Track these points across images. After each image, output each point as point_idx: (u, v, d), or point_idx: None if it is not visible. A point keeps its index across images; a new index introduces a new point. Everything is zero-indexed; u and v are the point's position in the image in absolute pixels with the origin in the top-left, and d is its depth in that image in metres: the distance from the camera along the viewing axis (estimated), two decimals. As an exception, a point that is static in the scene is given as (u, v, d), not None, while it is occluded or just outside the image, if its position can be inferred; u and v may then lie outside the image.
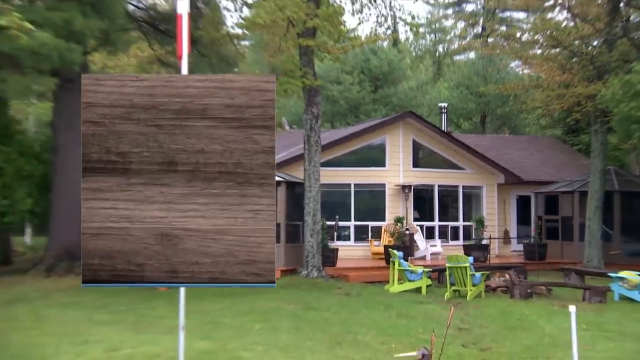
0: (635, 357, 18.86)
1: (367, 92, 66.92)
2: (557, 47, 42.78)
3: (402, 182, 42.50)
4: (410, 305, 27.35)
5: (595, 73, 39.06)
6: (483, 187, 44.44)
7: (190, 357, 15.59)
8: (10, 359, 18.66)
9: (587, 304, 27.47)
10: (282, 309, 25.78)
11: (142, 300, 26.51)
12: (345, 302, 28.09)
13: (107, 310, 24.73)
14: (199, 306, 22.30)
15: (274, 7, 32.57)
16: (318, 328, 22.46)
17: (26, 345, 19.68)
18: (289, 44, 35.68)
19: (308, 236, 34.89)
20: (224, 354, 18.26)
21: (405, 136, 43.27)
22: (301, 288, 31.34)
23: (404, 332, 21.86)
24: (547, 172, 46.89)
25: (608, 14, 38.24)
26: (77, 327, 21.83)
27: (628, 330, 22.16)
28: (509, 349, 19.59)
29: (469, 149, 44.53)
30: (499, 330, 22.42)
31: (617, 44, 39.30)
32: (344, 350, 19.27)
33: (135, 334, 20.70)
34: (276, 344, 19.94)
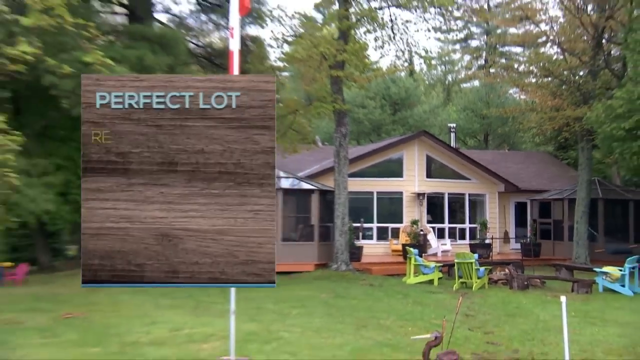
0: (615, 340, 18.11)
1: (387, 114, 65.99)
2: (549, 77, 41.65)
3: (417, 190, 41.14)
4: (424, 294, 26.60)
5: (581, 99, 37.95)
6: (486, 194, 43.02)
7: (239, 337, 15.16)
8: (93, 337, 17.97)
9: (575, 294, 26.57)
10: (316, 297, 25.37)
11: (199, 288, 23.40)
12: (369, 291, 27.41)
13: (170, 296, 24.20)
14: (245, 293, 21.40)
15: (310, 44, 32.56)
16: (346, 313, 22.06)
17: (105, 325, 19.44)
18: (322, 75, 34.48)
19: (337, 236, 33.73)
20: (267, 334, 17.87)
21: (420, 152, 41.80)
22: (332, 279, 30.70)
23: (419, 317, 21.37)
24: (541, 182, 45.57)
25: (592, 49, 37.52)
26: (145, 311, 21.63)
27: (610, 317, 21.60)
28: (508, 333, 19.07)
29: (474, 162, 43.22)
30: (500, 316, 21.82)
31: (600, 74, 38.31)
32: (369, 332, 18.76)
33: (194, 317, 20.50)
34: (311, 326, 19.48)
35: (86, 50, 25.68)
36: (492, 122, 64.54)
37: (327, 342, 17.51)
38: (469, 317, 21.48)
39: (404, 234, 39.12)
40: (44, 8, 21.86)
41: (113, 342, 17.17)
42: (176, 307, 22.62)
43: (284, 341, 17.34)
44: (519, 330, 19.37)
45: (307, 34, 34.19)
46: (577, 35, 39.10)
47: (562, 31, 40.36)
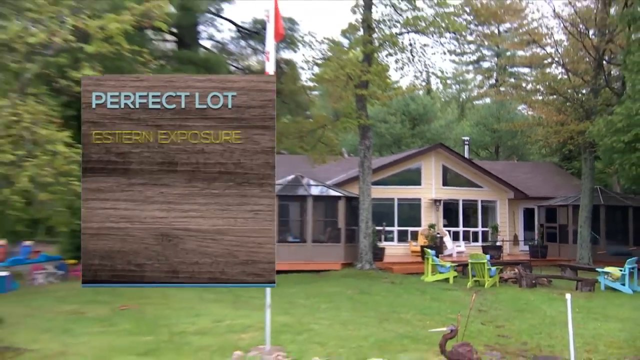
0: (616, 334, 17.75)
1: (407, 128, 65.85)
2: (554, 94, 41.13)
3: (434, 197, 40.64)
4: (441, 291, 26.32)
5: (584, 114, 37.62)
6: (497, 201, 42.40)
7: (274, 328, 15.62)
8: (145, 326, 18.27)
9: (579, 292, 26.08)
10: (343, 293, 25.14)
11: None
12: (391, 288, 27.13)
13: (213, 291, 24.00)
14: (280, 290, 21.28)
15: (337, 66, 32.50)
16: (370, 308, 21.98)
17: (156, 316, 19.74)
18: (348, 93, 34.40)
19: (362, 238, 33.37)
20: (299, 326, 17.88)
21: (437, 162, 41.32)
22: (357, 277, 30.27)
23: (436, 312, 21.21)
24: (547, 190, 44.82)
25: (594, 69, 37.18)
26: (191, 304, 21.85)
27: (611, 313, 21.29)
28: (517, 327, 18.78)
29: (486, 172, 42.70)
30: (510, 312, 21.52)
31: (601, 92, 37.90)
32: (390, 325, 18.62)
33: (234, 310, 20.63)
34: (338, 319, 19.49)
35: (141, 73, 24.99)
36: (502, 135, 63.89)
37: (353, 333, 17.45)
38: (481, 313, 21.26)
39: (422, 236, 38.53)
40: (104, 37, 20.82)
41: (163, 331, 17.49)
42: (218, 301, 22.75)
43: (314, 332, 17.38)
44: (527, 325, 19.02)
45: (334, 57, 34.06)
46: (580, 57, 38.66)
47: (566, 53, 39.99)
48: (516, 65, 57.55)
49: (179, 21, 32.78)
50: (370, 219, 33.66)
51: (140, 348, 15.39)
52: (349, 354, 15.21)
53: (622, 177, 36.55)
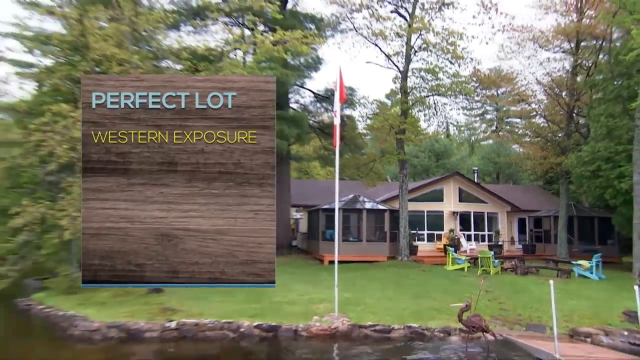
0: (586, 309, 17.37)
1: (432, 161, 64.67)
2: (538, 137, 39.70)
3: (452, 210, 38.75)
4: (458, 277, 25.21)
5: (560, 151, 35.75)
6: (498, 213, 40.32)
7: (340, 301, 16.12)
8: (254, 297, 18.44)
9: (559, 278, 24.75)
10: (388, 278, 24.21)
11: (315, 271, 26.23)
12: (422, 274, 25.84)
13: (300, 275, 24.15)
14: (344, 274, 19.94)
15: (383, 119, 32.36)
16: (407, 288, 21.31)
17: (261, 291, 19.00)
18: (391, 137, 33.06)
19: (401, 238, 31.78)
20: (357, 300, 17.93)
21: (454, 185, 39.25)
22: (397, 266, 28.84)
23: (457, 292, 20.41)
24: (534, 205, 42.86)
25: (566, 120, 35.69)
26: (285, 283, 21.05)
27: (582, 294, 20.55)
28: (514, 303, 18.32)
29: (490, 192, 40.72)
30: (508, 293, 20.69)
31: (573, 135, 35.82)
32: (422, 301, 18.52)
33: (312, 288, 20.60)
34: (384, 295, 19.48)
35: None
36: (502, 166, 62.08)
37: (395, 305, 17.53)
38: (488, 293, 20.36)
39: (445, 237, 36.70)
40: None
41: (266, 301, 17.73)
42: (303, 281, 22.46)
43: (368, 305, 17.52)
44: (521, 302, 18.64)
45: (381, 113, 34.09)
46: (556, 111, 37.01)
47: (546, 108, 38.76)
48: (510, 117, 55.90)
49: (277, 89, 31.10)
50: (407, 225, 32.24)
51: (251, 312, 16.12)
52: (393, 320, 15.60)
53: (589, 196, 35.46)
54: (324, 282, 21.80)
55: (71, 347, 13.96)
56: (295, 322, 15.20)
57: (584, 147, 30.13)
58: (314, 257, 32.90)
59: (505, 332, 14.98)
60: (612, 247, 34.92)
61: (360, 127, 38.57)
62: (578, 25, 33.01)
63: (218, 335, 14.63)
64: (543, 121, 39.51)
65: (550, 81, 36.65)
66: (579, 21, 33.18)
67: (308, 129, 36.27)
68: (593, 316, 16.44)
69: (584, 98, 34.49)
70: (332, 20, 34.73)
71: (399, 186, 33.16)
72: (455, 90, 32.05)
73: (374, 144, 41.10)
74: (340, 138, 17.96)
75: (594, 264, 26.51)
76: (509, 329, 15.42)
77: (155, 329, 14.51)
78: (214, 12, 25.54)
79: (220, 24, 30.47)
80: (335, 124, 17.69)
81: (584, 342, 14.21)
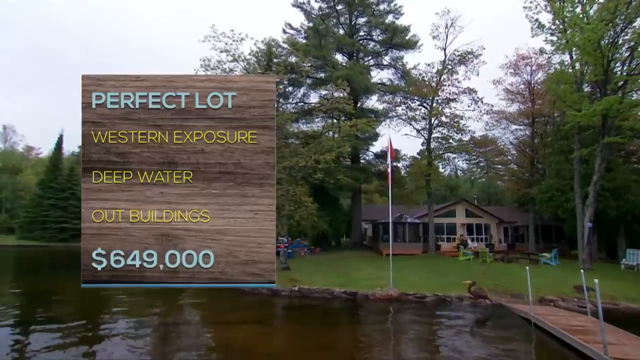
0: (550, 284, 17.06)
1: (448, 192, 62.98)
2: (513, 176, 39.84)
3: (462, 222, 37.31)
4: (467, 264, 24.52)
5: (528, 185, 34.64)
6: (491, 224, 38.16)
7: (393, 278, 16.54)
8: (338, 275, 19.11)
9: (531, 265, 22.39)
10: (422, 264, 23.81)
11: (377, 260, 25.80)
12: (444, 262, 25.24)
13: (369, 262, 24.14)
14: (395, 262, 18.75)
15: (416, 167, 32.48)
16: (435, 271, 20.99)
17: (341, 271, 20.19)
18: (421, 178, 33.26)
19: (430, 240, 31.70)
20: (403, 279, 17.80)
21: (462, 207, 38.06)
22: (428, 258, 28.10)
23: (466, 272, 20.06)
24: (514, 218, 39.90)
25: (531, 165, 35.41)
26: (360, 267, 21.74)
27: (547, 274, 19.90)
28: (503, 281, 17.92)
29: (485, 211, 38.94)
30: (500, 275, 19.93)
31: (535, 175, 34.99)
32: (444, 279, 18.40)
33: (375, 270, 20.48)
34: (419, 275, 19.54)
35: (337, 175, 27.14)
36: (491, 194, 59.49)
37: (428, 282, 17.62)
38: (486, 275, 19.89)
39: (457, 239, 35.19)
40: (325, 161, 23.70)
41: (345, 277, 18.56)
42: (370, 266, 22.39)
43: (410, 281, 17.65)
44: (509, 281, 18.01)
45: (415, 163, 33.66)
46: (524, 160, 36.72)
47: (517, 158, 38.45)
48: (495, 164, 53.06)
49: (353, 152, 32.87)
50: (433, 232, 31.94)
51: (340, 283, 17.01)
52: (427, 290, 15.99)
53: (547, 212, 32.23)
54: (382, 266, 21.49)
55: (242, 297, 15.50)
56: (366, 290, 16.03)
57: (543, 182, 30.19)
58: (375, 251, 32.17)
59: (498, 299, 15.10)
60: (564, 244, 33.41)
61: (402, 172, 37.70)
62: (533, 109, 34.13)
63: (321, 296, 15.89)
64: (515, 166, 39.06)
65: (518, 142, 36.91)
66: (532, 107, 34.23)
67: (371, 174, 36.44)
68: (554, 289, 16.19)
69: (541, 152, 34.43)
70: (384, 111, 36.05)
71: (428, 208, 33.24)
72: (460, 149, 32.47)
73: (412, 182, 39.84)
74: (391, 179, 18.58)
75: (553, 255, 25.92)
76: (500, 297, 15.39)
77: (285, 290, 16.26)
78: (317, 111, 29.60)
79: (320, 117, 33.21)
80: (388, 171, 18.79)
81: (549, 305, 14.28)
